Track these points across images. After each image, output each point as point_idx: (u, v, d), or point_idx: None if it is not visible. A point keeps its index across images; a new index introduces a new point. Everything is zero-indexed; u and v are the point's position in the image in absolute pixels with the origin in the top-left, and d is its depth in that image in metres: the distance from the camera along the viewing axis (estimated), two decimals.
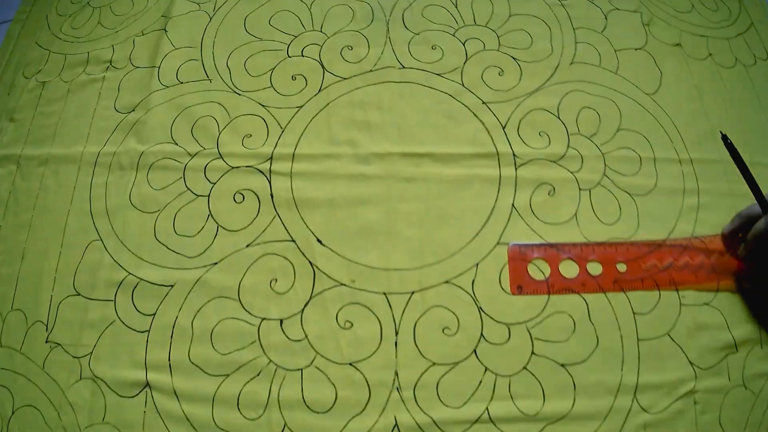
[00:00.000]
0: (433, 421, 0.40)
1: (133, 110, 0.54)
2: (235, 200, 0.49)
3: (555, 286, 0.44)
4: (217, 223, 0.48)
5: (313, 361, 0.42)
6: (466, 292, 0.44)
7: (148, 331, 0.44)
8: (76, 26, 0.61)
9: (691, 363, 0.42)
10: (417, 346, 0.42)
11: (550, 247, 0.46)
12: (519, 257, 0.45)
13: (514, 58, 0.55)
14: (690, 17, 0.59)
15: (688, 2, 0.60)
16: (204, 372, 0.42)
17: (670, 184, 0.49)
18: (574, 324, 0.43)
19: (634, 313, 0.43)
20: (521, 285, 0.44)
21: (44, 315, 0.45)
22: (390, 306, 0.44)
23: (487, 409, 0.40)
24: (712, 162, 0.50)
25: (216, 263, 0.46)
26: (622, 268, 0.45)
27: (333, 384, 0.41)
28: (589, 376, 0.41)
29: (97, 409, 0.41)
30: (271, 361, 0.42)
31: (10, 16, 0.63)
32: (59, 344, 0.43)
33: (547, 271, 0.45)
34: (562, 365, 0.41)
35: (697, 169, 0.50)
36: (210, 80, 0.55)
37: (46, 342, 0.44)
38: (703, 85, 0.54)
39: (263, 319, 0.44)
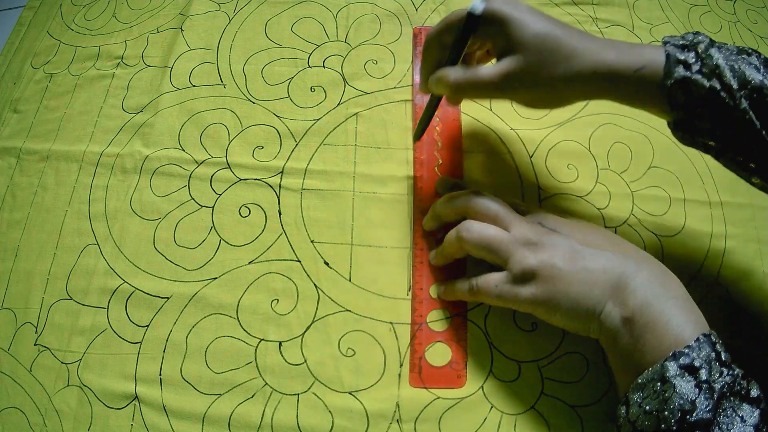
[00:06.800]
0: None
1: (141, 111, 0.58)
2: (240, 214, 0.52)
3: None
4: (219, 236, 0.51)
5: (311, 386, 0.45)
6: (478, 326, 0.47)
7: (141, 342, 0.47)
8: (90, 18, 0.66)
9: None
10: (421, 379, 0.45)
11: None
12: None
13: None
14: None
15: (730, 39, 0.64)
16: (196, 389, 0.45)
17: (697, 226, 0.52)
18: (588, 365, 0.46)
19: None
20: None
21: (34, 317, 0.49)
22: (396, 336, 0.47)
23: None
24: (742, 206, 0.53)
25: (215, 278, 0.49)
26: None
27: (330, 412, 0.44)
28: (599, 419, 0.44)
29: (83, 418, 0.45)
30: (266, 383, 0.45)
31: (23, 2, 0.69)
32: (48, 348, 0.48)
33: None
34: (572, 406, 0.44)
35: (726, 212, 0.53)
36: (224, 85, 0.59)
37: (35, 345, 0.48)
38: None
39: (261, 339, 0.47)
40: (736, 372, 0.33)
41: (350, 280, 0.49)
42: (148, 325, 0.48)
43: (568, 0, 0.65)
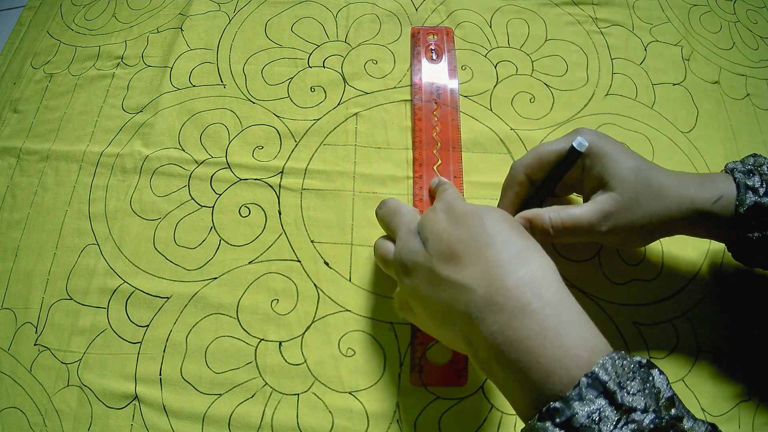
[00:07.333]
0: None
1: (141, 111, 0.58)
2: (240, 214, 0.52)
3: None
4: (219, 236, 0.51)
5: (311, 387, 0.45)
6: None
7: (141, 342, 0.47)
8: (90, 18, 0.66)
9: (702, 410, 0.44)
10: (422, 379, 0.45)
11: None
12: None
13: (547, 85, 0.59)
14: (730, 55, 0.63)
15: (730, 39, 0.64)
16: (196, 389, 0.45)
17: None
18: None
19: (650, 357, 0.46)
20: None
21: (34, 317, 0.49)
22: (396, 336, 0.47)
23: None
24: None
25: (215, 278, 0.49)
26: None
27: (330, 412, 0.44)
28: None
29: (83, 418, 0.45)
30: (266, 383, 0.45)
31: (23, 2, 0.69)
32: (48, 348, 0.47)
33: None
34: None
35: None
36: (224, 85, 0.59)
37: (35, 345, 0.48)
38: (738, 127, 0.58)
39: (261, 339, 0.47)
40: (646, 418, 0.27)
41: (350, 280, 0.49)
42: (148, 325, 0.48)
43: (568, 0, 0.65)
